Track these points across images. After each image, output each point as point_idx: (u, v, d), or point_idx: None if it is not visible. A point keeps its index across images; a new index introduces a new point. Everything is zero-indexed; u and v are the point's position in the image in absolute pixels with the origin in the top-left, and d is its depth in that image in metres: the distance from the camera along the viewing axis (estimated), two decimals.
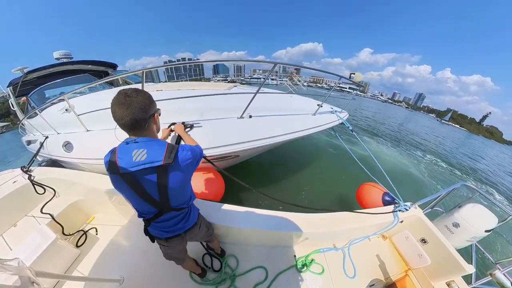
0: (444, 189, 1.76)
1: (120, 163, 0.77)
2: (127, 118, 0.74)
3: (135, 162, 0.76)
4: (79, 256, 1.69)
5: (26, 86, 3.84)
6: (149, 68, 1.67)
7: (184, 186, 0.92)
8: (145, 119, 0.78)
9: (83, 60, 4.30)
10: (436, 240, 1.56)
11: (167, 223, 0.97)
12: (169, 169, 0.81)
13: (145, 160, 0.77)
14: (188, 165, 0.87)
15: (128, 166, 0.77)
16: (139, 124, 0.77)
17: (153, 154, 0.78)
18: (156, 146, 0.80)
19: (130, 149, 0.78)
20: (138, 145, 0.79)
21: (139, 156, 0.77)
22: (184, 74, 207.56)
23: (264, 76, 30.69)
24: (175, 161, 0.81)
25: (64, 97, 1.83)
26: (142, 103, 0.76)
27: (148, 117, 0.80)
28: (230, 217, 1.63)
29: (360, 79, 2.25)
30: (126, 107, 0.73)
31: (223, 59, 1.71)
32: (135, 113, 0.74)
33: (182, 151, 0.86)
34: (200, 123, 1.99)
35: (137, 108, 0.74)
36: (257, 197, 3.50)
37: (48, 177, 2.10)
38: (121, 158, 0.78)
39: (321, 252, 1.75)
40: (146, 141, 0.81)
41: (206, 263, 1.64)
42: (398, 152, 8.32)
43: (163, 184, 0.82)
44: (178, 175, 0.85)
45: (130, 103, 0.73)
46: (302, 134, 2.23)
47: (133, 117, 0.74)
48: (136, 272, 1.58)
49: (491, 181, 8.86)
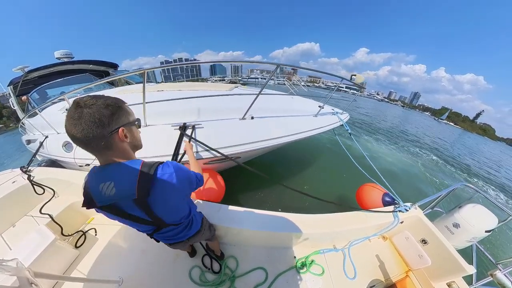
0: (444, 190, 1.76)
1: (93, 196, 0.65)
2: (78, 136, 0.56)
3: (105, 197, 0.63)
4: (78, 257, 1.68)
5: (27, 85, 3.85)
6: (150, 68, 1.66)
7: (176, 206, 0.82)
8: (102, 136, 0.58)
9: (84, 59, 4.32)
10: (436, 240, 1.56)
11: (168, 233, 0.95)
12: (148, 199, 0.68)
13: (114, 195, 0.63)
14: (173, 189, 0.71)
15: (102, 200, 0.64)
16: (95, 143, 0.59)
17: (122, 187, 0.63)
18: (125, 175, 0.64)
19: (97, 181, 0.64)
20: (103, 175, 0.64)
21: (107, 190, 0.63)
22: (181, 74, 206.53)
23: (262, 76, 30.87)
24: (153, 190, 0.66)
25: (64, 96, 1.82)
26: (96, 115, 0.56)
27: (109, 133, 0.60)
28: (230, 218, 1.62)
29: (361, 80, 2.25)
30: (75, 121, 0.55)
31: (224, 60, 1.70)
32: (86, 129, 0.55)
33: (163, 172, 0.69)
34: (201, 124, 1.98)
35: (88, 121, 0.55)
36: (256, 198, 3.50)
37: (47, 178, 2.09)
38: (92, 190, 0.65)
39: (321, 253, 1.74)
40: (112, 169, 0.64)
41: (206, 264, 1.63)
42: (398, 151, 8.34)
43: (149, 211, 0.70)
44: (163, 200, 0.71)
45: (80, 115, 0.55)
46: (304, 135, 2.23)
47: (85, 134, 0.56)
48: (135, 273, 1.57)
49: (490, 178, 8.89)
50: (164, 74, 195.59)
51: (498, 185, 8.39)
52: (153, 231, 0.88)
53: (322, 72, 2.26)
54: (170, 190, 0.71)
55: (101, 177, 0.64)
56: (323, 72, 2.25)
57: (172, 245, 1.08)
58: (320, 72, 2.29)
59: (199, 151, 1.96)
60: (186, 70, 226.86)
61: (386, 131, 12.91)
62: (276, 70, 1.81)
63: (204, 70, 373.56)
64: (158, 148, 1.95)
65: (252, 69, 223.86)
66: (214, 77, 48.27)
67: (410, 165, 6.82)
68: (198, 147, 1.94)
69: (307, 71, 4.79)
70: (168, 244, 1.07)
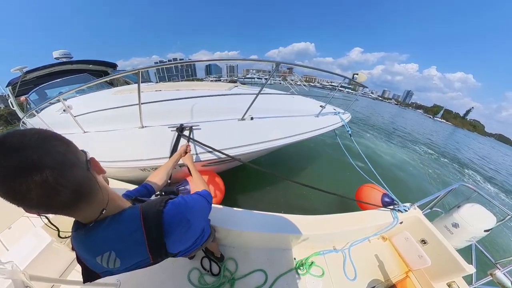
0: (443, 190, 1.77)
1: (94, 269, 0.51)
2: (31, 194, 0.34)
3: (110, 270, 0.50)
4: (75, 260, 1.65)
5: (26, 86, 3.82)
6: (145, 68, 1.60)
7: (193, 236, 0.65)
8: (89, 180, 0.41)
9: (83, 59, 4.30)
10: (436, 240, 1.56)
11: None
12: (167, 250, 0.54)
13: (121, 266, 0.49)
14: (188, 231, 0.57)
15: (107, 271, 0.51)
16: (85, 196, 0.41)
17: (130, 257, 0.49)
18: (127, 237, 0.47)
19: (89, 254, 0.48)
20: (93, 244, 0.47)
21: (110, 264, 0.48)
22: (176, 75, 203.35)
23: (258, 76, 30.81)
24: (168, 240, 0.51)
25: (60, 97, 1.80)
26: (63, 156, 0.37)
27: (87, 170, 0.42)
28: (230, 219, 1.61)
29: (363, 79, 2.21)
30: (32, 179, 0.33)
31: (222, 58, 1.66)
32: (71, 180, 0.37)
33: (172, 219, 0.52)
34: (199, 125, 1.95)
35: (65, 166, 0.36)
36: (256, 200, 3.48)
37: None
38: (90, 265, 0.51)
39: (321, 255, 1.73)
40: (103, 230, 0.46)
41: (205, 266, 1.62)
42: (398, 150, 8.37)
43: (167, 255, 0.57)
44: (183, 241, 0.58)
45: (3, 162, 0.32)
46: (305, 136, 2.18)
47: (75, 189, 0.38)
48: (133, 276, 1.55)
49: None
50: (158, 74, 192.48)
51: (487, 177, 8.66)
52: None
53: (325, 71, 2.18)
54: (186, 229, 0.56)
55: (92, 247, 0.47)
56: (326, 71, 2.16)
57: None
58: (323, 71, 2.20)
59: (197, 152, 1.94)
60: (181, 71, 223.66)
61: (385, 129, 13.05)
62: (276, 68, 1.79)
63: (200, 70, 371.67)
64: (154, 150, 1.92)
65: (248, 69, 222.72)
66: (210, 77, 47.91)
67: (410, 164, 6.87)
68: (196, 148, 1.92)
69: (303, 70, 4.69)
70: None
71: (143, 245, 0.48)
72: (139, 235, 0.48)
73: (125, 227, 0.48)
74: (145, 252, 0.49)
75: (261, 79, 66.39)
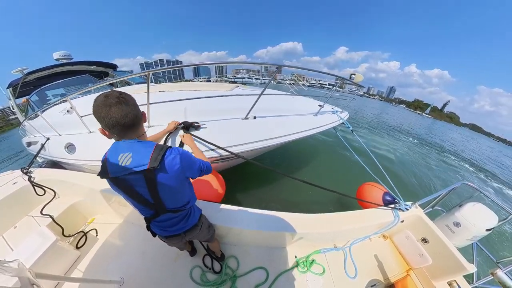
0: (445, 188, 1.76)
1: (109, 167, 0.76)
2: (131, 115, 0.72)
3: (121, 167, 0.74)
4: (79, 258, 1.68)
5: (26, 87, 3.84)
6: (155, 70, 1.74)
7: (178, 190, 0.88)
8: (140, 116, 0.79)
9: (83, 61, 4.31)
10: (437, 239, 1.56)
11: (165, 223, 0.98)
12: (157, 172, 0.77)
13: (130, 164, 0.74)
14: (177, 171, 0.81)
15: (116, 170, 0.75)
16: (137, 121, 0.77)
17: (139, 158, 0.74)
18: (143, 149, 0.76)
19: (117, 152, 0.76)
20: (124, 148, 0.76)
21: (124, 160, 0.74)
22: (163, 76, 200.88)
23: (248, 76, 31.14)
24: (161, 165, 0.76)
25: (67, 98, 1.84)
26: (135, 101, 0.76)
27: (140, 114, 0.80)
28: (231, 217, 1.62)
29: (360, 79, 2.25)
30: (126, 105, 0.71)
31: (224, 62, 1.72)
32: (135, 109, 0.74)
33: (169, 154, 0.79)
34: (205, 124, 2.00)
35: (134, 105, 0.74)
36: (257, 198, 3.50)
37: (48, 179, 2.09)
38: (110, 162, 0.76)
39: (322, 253, 1.74)
40: (133, 143, 0.77)
41: (207, 264, 1.64)
42: (398, 148, 8.32)
43: (153, 188, 0.79)
44: (168, 179, 0.80)
45: (127, 100, 0.72)
46: (306, 134, 2.25)
47: (135, 113, 0.74)
48: (136, 273, 1.58)
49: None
50: (145, 76, 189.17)
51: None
52: (151, 215, 0.92)
53: (323, 73, 2.25)
54: (174, 169, 0.80)
55: (123, 148, 0.76)
56: (324, 73, 2.24)
57: (168, 239, 1.08)
58: (320, 72, 2.31)
59: (201, 150, 1.98)
60: (168, 72, 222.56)
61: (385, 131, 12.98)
62: (278, 71, 1.86)
63: (187, 72, 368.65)
64: None
65: (237, 69, 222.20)
66: (199, 78, 48.19)
67: (410, 163, 6.82)
68: (200, 146, 1.95)
69: (291, 69, 4.77)
70: (164, 238, 1.07)
71: (148, 155, 0.75)
72: (148, 150, 0.76)
73: (145, 144, 0.79)
74: (147, 159, 0.74)
75: (252, 79, 67.01)
